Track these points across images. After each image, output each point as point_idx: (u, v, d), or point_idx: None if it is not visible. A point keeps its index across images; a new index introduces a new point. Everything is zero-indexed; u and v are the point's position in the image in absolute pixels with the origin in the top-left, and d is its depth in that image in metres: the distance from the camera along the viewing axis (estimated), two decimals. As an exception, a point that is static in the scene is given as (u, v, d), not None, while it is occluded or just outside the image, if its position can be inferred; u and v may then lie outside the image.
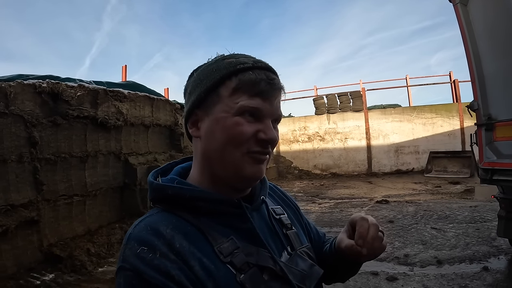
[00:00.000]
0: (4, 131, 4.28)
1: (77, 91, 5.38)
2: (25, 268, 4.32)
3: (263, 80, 0.70)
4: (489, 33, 3.78)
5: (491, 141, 3.83)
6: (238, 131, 0.69)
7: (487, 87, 3.86)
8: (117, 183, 6.36)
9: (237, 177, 0.72)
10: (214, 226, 0.70)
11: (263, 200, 0.82)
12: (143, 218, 0.70)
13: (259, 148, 0.71)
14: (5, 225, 4.07)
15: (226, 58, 0.75)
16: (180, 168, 0.84)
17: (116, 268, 0.64)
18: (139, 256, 0.60)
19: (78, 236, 5.29)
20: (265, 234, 0.77)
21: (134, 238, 0.64)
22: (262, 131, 0.70)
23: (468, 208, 6.89)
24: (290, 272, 0.73)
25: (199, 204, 0.71)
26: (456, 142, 13.88)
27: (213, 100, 0.72)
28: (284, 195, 1.02)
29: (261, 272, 0.69)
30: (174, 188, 0.72)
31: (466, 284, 3.71)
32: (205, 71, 0.75)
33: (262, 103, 0.70)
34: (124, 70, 12.73)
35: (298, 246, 0.83)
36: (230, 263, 0.66)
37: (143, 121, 7.03)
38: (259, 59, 0.75)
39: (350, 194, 10.52)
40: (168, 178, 0.78)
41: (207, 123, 0.74)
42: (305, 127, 16.85)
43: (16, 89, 4.43)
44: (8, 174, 4.30)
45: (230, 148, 0.70)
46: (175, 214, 0.69)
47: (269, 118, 0.72)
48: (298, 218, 0.98)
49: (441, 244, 4.99)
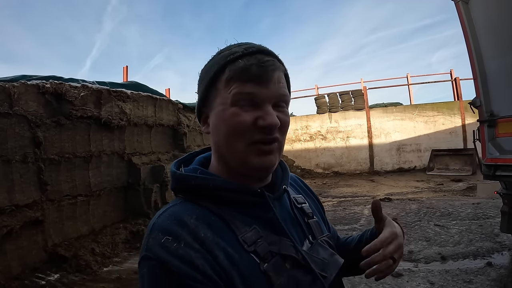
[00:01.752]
0: (8, 132, 4.29)
1: (80, 92, 5.40)
2: (30, 268, 4.33)
3: (254, 65, 0.68)
4: (490, 30, 3.78)
5: (493, 137, 3.84)
6: (235, 121, 0.69)
7: (489, 84, 3.86)
8: (121, 183, 6.38)
9: (247, 168, 0.72)
10: (237, 216, 0.70)
11: (285, 189, 0.82)
12: (166, 208, 0.70)
13: (261, 135, 0.69)
14: (9, 225, 4.08)
15: (222, 51, 0.75)
16: (202, 158, 0.85)
17: (139, 258, 0.64)
18: (164, 245, 0.60)
19: (82, 236, 5.31)
20: (287, 223, 0.77)
21: (158, 227, 0.64)
22: (261, 118, 0.69)
23: (470, 205, 6.90)
24: (312, 260, 0.73)
25: (222, 193, 0.71)
26: (457, 139, 13.88)
27: (212, 95, 0.73)
28: (305, 186, 1.03)
29: (284, 261, 0.69)
30: (198, 178, 0.72)
31: (471, 280, 3.72)
32: (204, 69, 0.77)
33: (256, 88, 0.69)
34: (125, 71, 12.77)
35: (319, 235, 0.84)
36: (253, 252, 0.67)
37: (146, 121, 7.05)
38: (253, 44, 0.74)
39: (352, 192, 10.52)
40: (190, 168, 0.78)
41: (212, 118, 0.75)
42: (307, 126, 16.85)
43: (19, 89, 4.45)
44: (12, 175, 4.32)
45: (233, 140, 0.70)
46: (198, 204, 0.70)
47: (268, 103, 0.70)
48: (319, 208, 0.99)
49: (445, 240, 5.00)
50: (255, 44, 0.74)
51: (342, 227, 6.09)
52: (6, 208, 4.14)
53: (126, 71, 12.79)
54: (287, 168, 0.88)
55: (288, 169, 0.89)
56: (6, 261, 4.06)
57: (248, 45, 0.73)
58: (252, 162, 0.70)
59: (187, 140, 8.38)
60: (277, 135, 0.71)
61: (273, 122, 0.68)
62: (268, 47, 0.75)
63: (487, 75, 3.87)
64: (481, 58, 3.91)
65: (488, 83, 3.88)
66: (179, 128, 8.18)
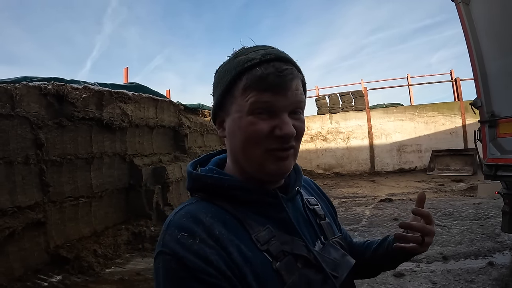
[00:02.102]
0: (10, 133, 4.31)
1: (82, 93, 5.42)
2: (32, 270, 4.34)
3: (271, 74, 0.68)
4: (491, 31, 3.80)
5: (494, 137, 3.85)
6: (252, 130, 0.69)
7: (490, 85, 3.88)
8: (123, 184, 6.39)
9: (263, 174, 0.73)
10: (251, 215, 0.72)
11: (298, 190, 0.84)
12: (182, 206, 0.72)
13: (277, 145, 0.70)
14: (12, 226, 4.10)
15: (238, 55, 0.74)
16: (218, 159, 0.86)
17: (155, 253, 0.65)
18: (179, 241, 0.62)
19: (84, 238, 5.32)
20: (300, 223, 0.79)
21: (174, 224, 0.66)
22: (277, 127, 0.69)
23: (471, 205, 6.91)
24: (324, 260, 0.74)
25: (237, 193, 0.72)
26: (458, 140, 13.88)
27: (229, 102, 0.73)
28: (318, 188, 1.04)
29: (296, 260, 0.71)
30: (214, 177, 0.74)
31: (472, 279, 3.73)
32: (220, 73, 0.76)
33: (273, 97, 0.68)
34: (125, 72, 12.75)
35: (331, 236, 0.85)
36: (266, 251, 0.68)
37: (147, 123, 7.07)
38: (270, 50, 0.72)
39: (353, 193, 10.52)
40: (207, 168, 0.80)
41: (228, 123, 0.75)
42: (308, 127, 16.82)
43: (21, 91, 4.47)
44: (14, 176, 4.33)
45: (250, 147, 0.71)
46: (214, 203, 0.72)
47: (284, 112, 0.70)
48: (331, 210, 1.01)
49: (446, 240, 5.01)
50: (273, 50, 0.73)
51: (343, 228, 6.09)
52: (8, 209, 4.15)
53: (126, 73, 12.78)
54: (300, 171, 0.89)
55: (302, 171, 0.91)
56: (8, 262, 4.07)
57: (265, 50, 0.72)
58: (268, 168, 0.71)
59: (188, 141, 8.40)
60: (293, 143, 0.72)
61: (290, 132, 0.69)
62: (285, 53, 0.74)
63: (488, 76, 3.89)
64: (481, 59, 3.92)
65: (489, 84, 3.89)
66: (180, 130, 8.20)
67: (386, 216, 6.74)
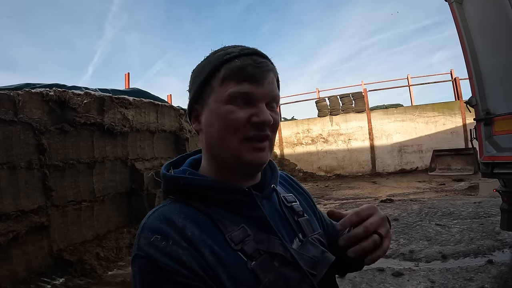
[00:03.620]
0: (13, 139, 4.37)
1: (83, 99, 5.48)
2: (35, 273, 4.38)
3: (249, 65, 0.71)
4: (484, 29, 3.85)
5: (490, 135, 3.88)
6: (230, 118, 0.71)
7: (485, 83, 3.91)
8: (124, 188, 6.44)
9: (239, 163, 0.74)
10: (225, 215, 0.71)
11: (274, 188, 0.83)
12: (156, 208, 0.72)
13: (255, 132, 0.72)
14: (15, 230, 4.15)
15: (217, 51, 0.77)
16: (193, 160, 0.86)
17: (131, 257, 0.66)
18: (153, 244, 0.62)
19: (87, 241, 5.36)
20: (276, 221, 0.78)
21: (148, 227, 0.66)
22: (255, 115, 0.71)
23: (472, 204, 6.92)
24: (301, 258, 0.73)
25: (210, 193, 0.72)
26: (459, 139, 13.89)
27: (207, 93, 0.75)
28: (296, 184, 1.03)
29: (272, 259, 0.70)
30: (186, 178, 0.74)
31: (471, 277, 3.75)
32: (198, 68, 0.79)
33: (251, 86, 0.71)
34: (127, 78, 12.84)
35: (310, 233, 0.83)
36: (241, 251, 0.68)
37: (148, 127, 7.11)
38: (248, 47, 0.77)
39: (354, 194, 10.55)
40: (180, 169, 0.80)
41: (205, 115, 0.76)
42: (308, 130, 16.90)
43: (24, 97, 4.53)
44: (18, 181, 4.38)
45: (227, 136, 0.72)
46: (188, 204, 0.72)
47: (262, 101, 0.73)
48: (311, 206, 0.98)
49: (446, 239, 5.03)
50: (250, 47, 0.77)
51: (344, 229, 6.12)
52: (11, 213, 4.20)
53: (127, 78, 12.87)
54: (276, 168, 0.90)
55: (277, 169, 0.91)
56: (12, 265, 4.12)
57: (243, 47, 0.76)
58: (245, 157, 0.72)
59: (189, 145, 8.44)
60: (268, 132, 0.74)
61: (267, 119, 0.71)
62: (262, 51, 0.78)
63: (483, 74, 3.93)
64: (476, 57, 3.97)
65: (484, 82, 3.93)
66: (181, 134, 8.24)
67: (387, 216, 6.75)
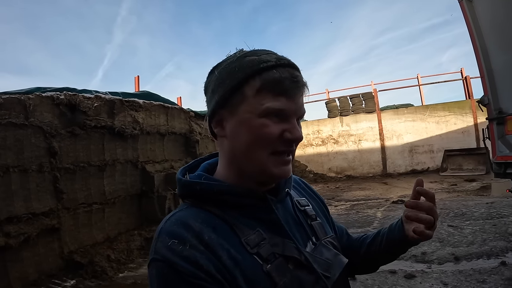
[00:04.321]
0: (25, 142, 4.43)
1: (94, 102, 5.53)
2: (46, 275, 4.43)
3: (287, 79, 0.69)
4: (495, 27, 3.79)
5: (503, 135, 3.82)
6: (264, 132, 0.69)
7: (497, 81, 3.86)
8: (135, 190, 6.48)
9: (265, 176, 0.74)
10: (240, 219, 0.72)
11: (288, 192, 0.85)
12: (173, 213, 0.73)
13: (284, 147, 0.72)
14: (26, 232, 4.21)
15: (248, 55, 0.73)
16: (207, 164, 0.87)
17: (148, 261, 0.67)
18: (170, 248, 0.63)
19: (98, 243, 5.41)
20: (290, 225, 0.79)
21: (165, 231, 0.67)
22: (288, 131, 0.71)
23: (484, 205, 6.80)
24: (315, 261, 0.75)
25: (226, 198, 0.73)
26: (470, 139, 13.66)
27: (237, 100, 0.72)
28: (309, 188, 1.03)
29: (287, 262, 0.71)
30: (202, 183, 0.74)
31: (484, 279, 3.68)
32: (227, 69, 0.74)
33: (286, 102, 0.70)
34: (136, 81, 12.93)
35: (322, 236, 0.85)
36: (256, 254, 0.68)
37: (158, 130, 7.16)
38: (282, 56, 0.74)
39: (365, 195, 10.45)
40: (195, 174, 0.81)
41: (232, 123, 0.73)
42: (319, 131, 16.81)
43: (35, 101, 4.59)
44: (29, 184, 4.44)
45: (256, 149, 0.71)
46: (204, 209, 0.72)
47: (294, 117, 0.72)
48: (323, 210, 1.00)
49: (458, 241, 4.95)
50: (284, 56, 0.74)
51: (355, 230, 6.08)
52: (23, 216, 4.26)
53: (137, 81, 12.95)
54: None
55: (292, 174, 0.89)
56: (23, 267, 4.17)
57: (277, 55, 0.74)
58: (272, 171, 0.72)
59: (199, 147, 8.47)
60: (294, 147, 0.75)
61: (299, 136, 0.72)
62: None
63: (494, 72, 3.87)
64: (487, 55, 3.92)
65: (496, 80, 3.88)
66: (191, 136, 8.28)
67: (398, 218, 6.67)
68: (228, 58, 0.76)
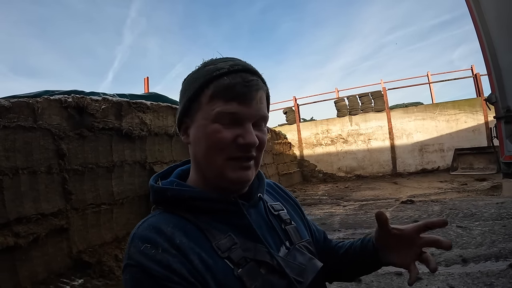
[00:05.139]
0: (33, 144, 4.50)
1: (101, 104, 5.59)
2: (55, 274, 4.47)
3: (238, 84, 0.71)
4: (502, 23, 3.73)
5: (511, 133, 3.77)
6: (216, 138, 0.71)
7: (505, 79, 3.80)
8: (143, 191, 6.51)
9: (223, 181, 0.75)
10: (213, 224, 0.74)
11: (260, 197, 0.85)
12: (145, 219, 0.74)
13: (240, 153, 0.73)
14: (36, 233, 4.26)
15: (207, 65, 0.76)
16: (180, 171, 0.89)
17: (122, 266, 0.68)
18: (143, 252, 0.64)
19: (106, 243, 5.45)
20: (263, 229, 0.80)
21: (137, 237, 0.68)
22: (241, 136, 0.72)
23: (494, 205, 6.69)
24: (288, 265, 0.75)
25: (197, 203, 0.74)
26: (481, 137, 13.45)
27: (195, 108, 0.75)
28: (284, 192, 1.05)
29: (259, 267, 0.72)
30: (173, 190, 0.76)
31: (492, 282, 3.62)
32: (188, 81, 0.78)
33: (238, 107, 0.71)
34: (146, 82, 13.01)
35: (297, 240, 0.85)
36: (227, 258, 0.69)
37: (166, 131, 7.19)
38: (239, 62, 0.75)
39: (375, 195, 10.37)
40: (168, 181, 0.82)
41: (193, 130, 0.77)
42: (328, 130, 16.78)
43: (43, 104, 4.66)
44: (38, 185, 4.51)
45: (212, 154, 0.73)
46: (176, 214, 0.74)
47: (249, 122, 0.73)
48: (299, 213, 1.01)
49: (467, 242, 4.88)
50: (241, 61, 0.76)
51: (363, 231, 6.03)
52: (32, 216, 4.32)
53: (147, 82, 13.03)
54: (263, 177, 0.91)
55: (264, 178, 0.92)
56: (32, 267, 4.23)
57: (233, 61, 0.75)
58: (229, 176, 0.73)
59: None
60: (253, 153, 0.75)
61: (252, 141, 0.72)
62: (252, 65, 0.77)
63: (502, 69, 3.81)
64: (494, 52, 3.86)
65: (504, 78, 3.81)
66: (184, 144, 8.30)
67: (407, 218, 6.62)
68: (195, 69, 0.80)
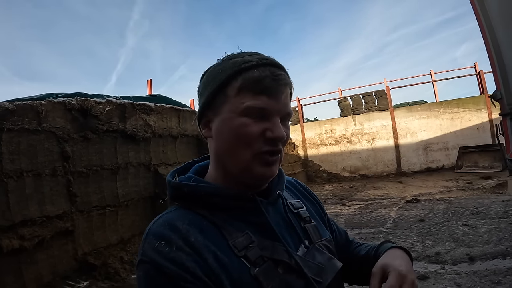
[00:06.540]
0: (38, 147, 4.51)
1: (105, 107, 5.61)
2: (60, 276, 4.48)
3: (267, 77, 0.69)
4: (505, 19, 3.70)
5: (517, 130, 3.74)
6: (244, 131, 0.70)
7: (509, 76, 3.77)
8: (148, 193, 6.53)
9: (248, 176, 0.73)
10: (229, 221, 0.72)
11: (279, 194, 0.83)
12: (161, 215, 0.73)
13: (268, 147, 0.71)
14: (41, 235, 4.28)
15: (232, 57, 0.75)
16: (198, 167, 0.87)
17: (136, 262, 0.67)
18: (157, 249, 0.63)
19: (111, 245, 5.46)
20: (281, 228, 0.77)
21: (152, 233, 0.67)
22: (269, 130, 0.70)
23: (500, 203, 6.64)
24: (306, 265, 0.73)
25: (214, 200, 0.73)
26: (485, 135, 13.36)
27: (220, 101, 0.73)
28: (304, 189, 1.02)
29: (276, 266, 0.70)
30: (190, 186, 0.75)
31: (499, 280, 3.58)
32: (212, 73, 0.76)
33: (267, 101, 0.70)
34: (149, 84, 13.05)
35: (316, 239, 0.83)
36: (244, 257, 0.67)
37: (170, 132, 7.20)
38: (266, 56, 0.75)
39: (379, 195, 10.34)
40: (185, 176, 0.80)
41: (216, 123, 0.75)
42: (332, 130, 16.74)
43: (47, 107, 4.68)
44: (43, 187, 4.52)
45: (239, 149, 0.71)
46: (192, 210, 0.72)
47: (276, 116, 0.72)
48: (319, 212, 0.98)
49: (473, 240, 4.84)
50: (267, 56, 0.75)
51: (368, 230, 6.02)
52: (37, 219, 4.34)
53: (150, 84, 13.07)
54: (283, 174, 0.89)
55: (284, 175, 0.90)
56: (38, 269, 4.24)
57: (260, 55, 0.74)
58: (255, 171, 0.72)
59: (211, 148, 8.48)
60: (280, 147, 0.73)
61: (281, 135, 0.71)
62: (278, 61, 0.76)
63: (507, 66, 3.78)
64: (499, 49, 3.83)
65: (508, 75, 3.78)
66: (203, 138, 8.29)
67: (412, 217, 6.58)
68: (217, 62, 0.78)
